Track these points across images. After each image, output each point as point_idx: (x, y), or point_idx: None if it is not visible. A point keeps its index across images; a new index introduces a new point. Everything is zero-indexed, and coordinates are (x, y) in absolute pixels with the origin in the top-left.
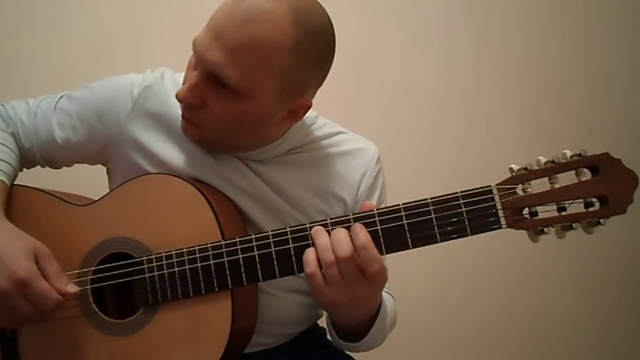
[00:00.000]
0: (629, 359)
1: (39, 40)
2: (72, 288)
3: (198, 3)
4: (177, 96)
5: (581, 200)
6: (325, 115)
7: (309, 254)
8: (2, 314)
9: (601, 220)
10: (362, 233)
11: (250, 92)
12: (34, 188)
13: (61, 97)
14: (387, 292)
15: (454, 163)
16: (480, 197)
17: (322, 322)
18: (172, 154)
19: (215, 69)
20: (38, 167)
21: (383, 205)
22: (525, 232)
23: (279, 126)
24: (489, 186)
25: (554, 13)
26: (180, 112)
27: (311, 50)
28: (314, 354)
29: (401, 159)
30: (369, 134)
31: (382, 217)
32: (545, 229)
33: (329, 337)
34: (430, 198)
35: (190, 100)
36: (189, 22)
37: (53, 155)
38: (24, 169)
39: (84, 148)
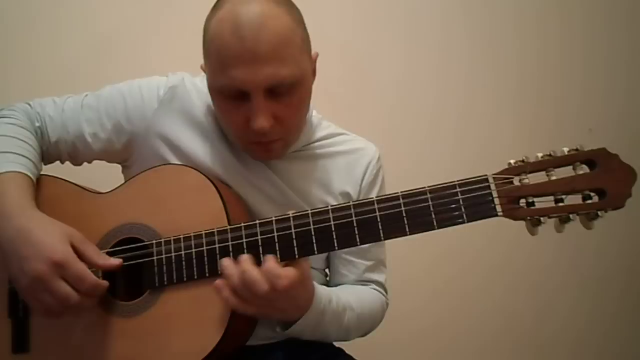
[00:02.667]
0: (629, 359)
1: (41, 40)
2: (115, 261)
3: (198, 3)
4: (259, 130)
5: (579, 193)
6: (325, 114)
7: (221, 285)
8: (43, 300)
9: (599, 213)
10: (269, 262)
11: (301, 74)
12: (49, 176)
13: (86, 95)
14: (375, 289)
15: (452, 163)
16: (476, 186)
17: None
18: (196, 147)
19: (272, 80)
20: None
21: None
22: (524, 226)
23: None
24: (486, 175)
25: (553, 13)
26: (202, 112)
27: (300, 14)
28: (314, 354)
29: (400, 158)
30: (368, 133)
31: (380, 205)
32: (542, 219)
33: None
34: (428, 186)
35: (271, 124)
36: (189, 22)
37: (78, 150)
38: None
39: (110, 144)
